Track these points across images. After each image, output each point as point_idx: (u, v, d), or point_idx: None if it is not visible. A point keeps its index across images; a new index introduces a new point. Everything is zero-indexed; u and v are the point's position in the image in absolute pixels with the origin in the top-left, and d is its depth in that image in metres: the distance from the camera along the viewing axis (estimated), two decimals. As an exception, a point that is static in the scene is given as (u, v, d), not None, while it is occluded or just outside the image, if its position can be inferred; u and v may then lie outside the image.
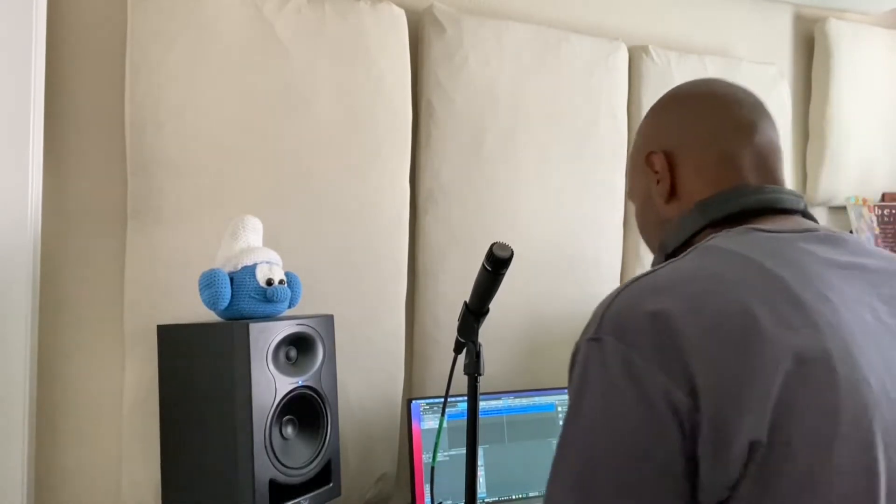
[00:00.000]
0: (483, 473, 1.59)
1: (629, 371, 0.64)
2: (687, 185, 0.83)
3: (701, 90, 0.87)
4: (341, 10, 1.62)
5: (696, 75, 2.10)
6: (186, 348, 1.25)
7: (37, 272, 1.37)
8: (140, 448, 1.40)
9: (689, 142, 0.84)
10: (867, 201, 2.33)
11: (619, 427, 0.64)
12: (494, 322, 1.49)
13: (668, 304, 0.65)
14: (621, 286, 0.72)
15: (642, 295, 0.68)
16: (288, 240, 1.48)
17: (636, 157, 0.91)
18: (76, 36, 1.47)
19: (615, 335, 0.67)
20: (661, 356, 0.63)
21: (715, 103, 0.84)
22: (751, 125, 0.82)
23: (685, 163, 0.83)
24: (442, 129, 1.73)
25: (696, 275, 0.69)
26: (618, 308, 0.69)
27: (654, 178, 0.86)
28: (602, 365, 0.67)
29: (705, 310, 0.64)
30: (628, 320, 0.67)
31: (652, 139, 0.88)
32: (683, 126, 0.85)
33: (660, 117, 0.90)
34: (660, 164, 0.85)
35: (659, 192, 0.85)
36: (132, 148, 1.42)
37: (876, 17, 2.51)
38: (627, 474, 0.63)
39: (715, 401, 0.60)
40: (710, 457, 0.60)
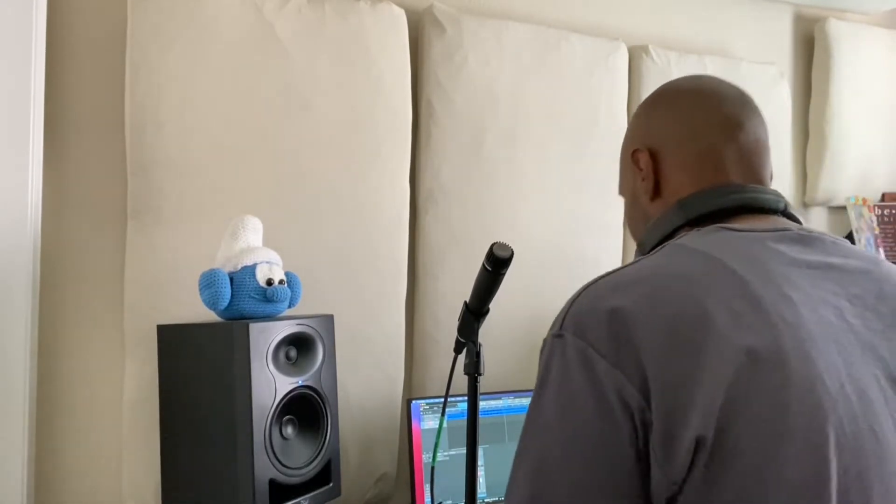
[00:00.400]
0: (483, 473, 1.59)
1: (585, 366, 0.65)
2: (671, 182, 0.83)
3: (688, 87, 0.86)
4: (341, 10, 1.62)
5: (696, 75, 2.11)
6: (186, 348, 1.25)
7: (37, 272, 1.37)
8: (140, 448, 1.40)
9: (674, 139, 0.83)
10: (867, 201, 2.33)
11: (575, 422, 0.65)
12: (494, 322, 1.49)
13: (625, 302, 0.66)
14: (586, 284, 0.74)
15: (603, 292, 0.70)
16: (288, 240, 1.48)
17: (623, 154, 0.92)
18: (76, 36, 1.47)
19: (575, 331, 0.68)
20: (616, 353, 0.64)
21: (701, 100, 0.83)
22: (736, 122, 0.81)
23: (669, 161, 0.83)
24: (442, 129, 1.73)
25: (656, 272, 0.70)
26: (579, 305, 0.70)
27: (640, 176, 0.86)
28: (562, 361, 0.68)
29: (661, 308, 0.65)
30: (587, 317, 0.68)
31: (637, 136, 0.88)
32: (668, 123, 0.84)
33: (645, 114, 0.89)
34: (644, 162, 0.85)
35: (644, 190, 0.85)
36: (132, 148, 1.42)
37: (876, 17, 2.51)
38: (581, 470, 0.63)
39: (664, 397, 0.61)
40: (659, 453, 0.61)
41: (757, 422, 0.60)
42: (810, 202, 2.39)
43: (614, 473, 0.62)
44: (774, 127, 2.21)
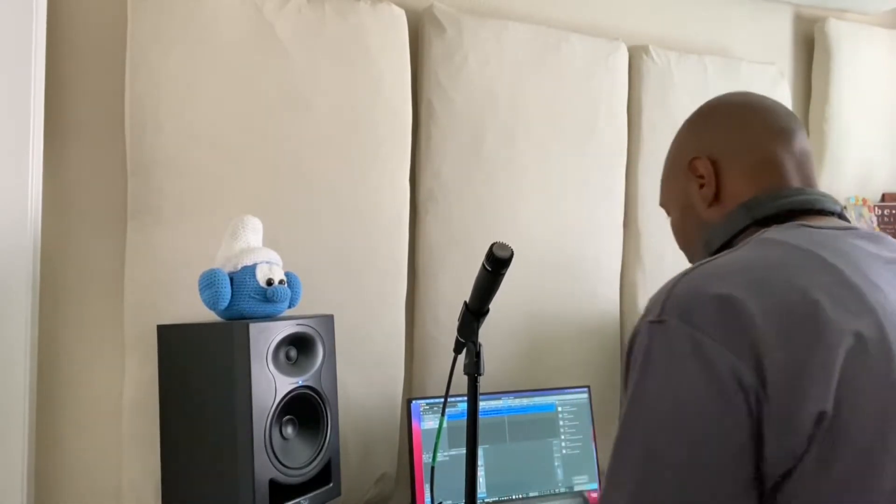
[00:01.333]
0: (483, 473, 1.60)
1: (697, 351, 0.66)
2: (731, 188, 0.87)
3: (739, 100, 0.92)
4: (341, 10, 1.62)
5: (696, 75, 2.12)
6: (186, 348, 1.25)
7: (37, 272, 1.37)
8: (140, 448, 1.40)
9: (733, 147, 0.87)
10: (867, 201, 2.33)
11: (687, 407, 0.66)
12: (494, 322, 1.50)
13: (732, 289, 0.68)
14: (680, 273, 0.75)
15: (706, 280, 0.71)
16: (288, 240, 1.48)
17: (676, 164, 0.95)
18: (76, 36, 1.47)
19: (680, 317, 0.69)
20: (728, 336, 0.65)
21: (754, 111, 0.89)
22: (789, 131, 0.86)
23: (730, 167, 0.87)
24: (442, 129, 1.73)
25: (755, 263, 0.72)
26: (681, 292, 0.71)
27: (698, 183, 0.90)
28: (667, 346, 0.69)
29: (768, 294, 0.67)
30: (694, 303, 0.69)
31: (694, 146, 0.92)
32: (726, 132, 0.89)
33: (700, 126, 0.94)
34: (704, 169, 0.89)
35: (702, 197, 0.89)
36: (132, 148, 1.42)
37: (876, 17, 2.51)
38: (695, 454, 0.65)
39: (783, 375, 0.63)
40: (777, 431, 0.63)
41: (867, 402, 0.63)
42: (810, 202, 2.38)
43: (727, 454, 0.64)
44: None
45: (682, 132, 0.97)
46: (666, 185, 0.99)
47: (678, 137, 0.97)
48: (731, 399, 0.64)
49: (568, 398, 1.74)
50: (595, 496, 1.70)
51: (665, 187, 1.00)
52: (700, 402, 0.65)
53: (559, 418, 1.71)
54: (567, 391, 1.75)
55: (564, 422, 1.71)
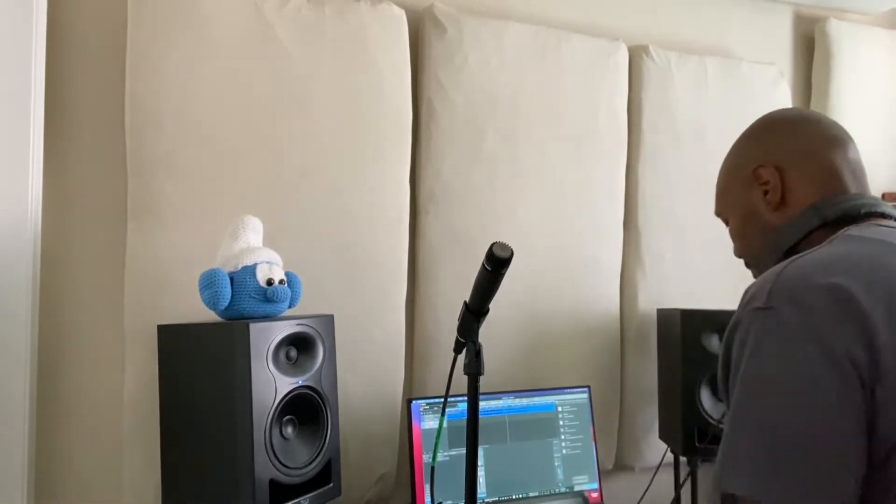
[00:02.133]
0: (483, 473, 1.59)
1: (810, 334, 0.71)
2: (796, 192, 0.93)
3: (795, 113, 1.02)
4: (341, 10, 1.62)
5: (696, 75, 2.12)
6: (186, 348, 1.25)
7: (37, 272, 1.37)
8: (140, 448, 1.40)
9: (796, 156, 0.94)
10: (867, 201, 2.32)
11: (805, 386, 0.70)
12: (494, 322, 1.50)
13: (836, 277, 0.73)
14: (780, 266, 0.79)
15: (811, 270, 0.76)
16: (288, 240, 1.48)
17: (736, 173, 1.01)
18: (76, 36, 1.47)
19: (790, 303, 0.74)
20: (839, 320, 0.71)
21: (811, 123, 0.97)
22: (844, 142, 0.94)
23: (793, 173, 0.94)
24: (442, 129, 1.73)
25: (852, 255, 0.78)
26: (788, 280, 0.76)
27: (762, 190, 0.96)
28: (779, 331, 0.74)
29: (871, 282, 0.73)
30: (803, 289, 0.74)
31: (757, 155, 0.98)
32: (787, 142, 0.96)
33: (761, 136, 1.00)
34: (770, 176, 0.95)
35: (768, 202, 0.95)
36: (132, 148, 1.42)
37: (876, 17, 2.51)
38: (815, 430, 0.69)
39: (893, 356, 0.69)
40: (889, 406, 0.68)
41: None
42: (810, 202, 2.38)
43: (845, 428, 0.69)
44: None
45: (741, 143, 1.03)
46: (725, 194, 1.05)
47: (737, 149, 1.03)
48: (847, 377, 0.69)
49: (568, 398, 1.74)
50: (595, 496, 1.70)
51: (724, 197, 1.05)
52: (817, 380, 0.70)
53: (559, 418, 1.71)
54: (567, 391, 1.75)
55: (564, 422, 1.71)
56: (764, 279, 0.79)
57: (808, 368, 0.71)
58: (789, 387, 0.71)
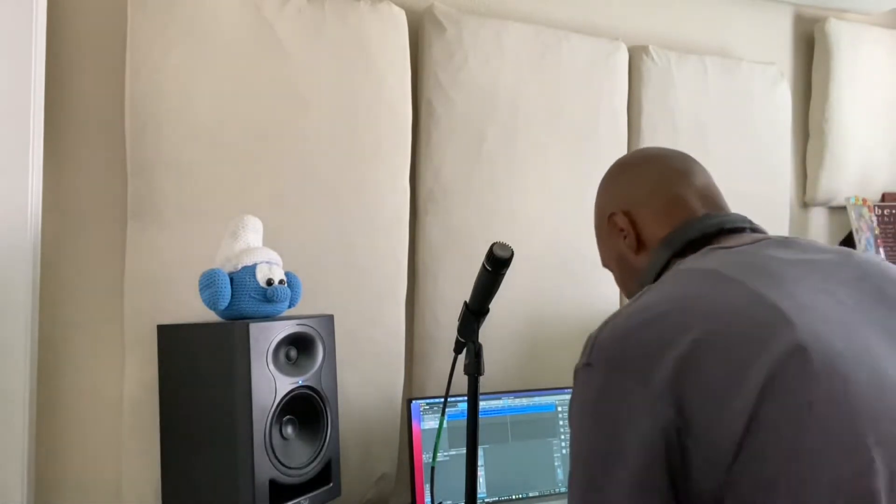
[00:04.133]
0: (483, 473, 1.59)
1: (619, 394, 0.71)
2: (649, 232, 0.94)
3: (637, 156, 1.02)
4: (341, 10, 1.62)
5: (696, 75, 2.12)
6: (186, 348, 1.25)
7: (37, 272, 1.37)
8: (140, 448, 1.40)
9: (641, 196, 0.96)
10: (867, 201, 2.33)
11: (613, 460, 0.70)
12: (494, 322, 1.50)
13: (650, 330, 0.72)
14: (610, 316, 0.79)
15: (628, 322, 0.75)
16: (288, 240, 1.48)
17: (600, 225, 1.03)
18: (76, 36, 1.47)
19: (606, 362, 0.74)
20: (650, 379, 0.69)
21: (652, 162, 0.99)
22: (687, 172, 0.96)
23: (642, 214, 0.95)
24: (442, 129, 1.73)
25: (673, 296, 0.76)
26: (607, 336, 0.76)
27: (621, 236, 0.97)
28: (595, 392, 0.74)
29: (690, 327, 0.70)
30: (617, 346, 0.74)
31: (608, 204, 1.01)
32: (633, 186, 0.98)
33: (609, 185, 1.03)
34: (622, 221, 0.97)
35: (628, 246, 0.96)
36: (132, 148, 1.42)
37: (876, 17, 2.51)
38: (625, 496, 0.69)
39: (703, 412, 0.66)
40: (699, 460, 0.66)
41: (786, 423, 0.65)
42: (810, 202, 2.39)
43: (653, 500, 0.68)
44: (774, 127, 2.23)
45: (598, 193, 1.05)
46: (599, 245, 1.06)
47: (596, 199, 1.05)
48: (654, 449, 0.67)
49: (568, 398, 1.73)
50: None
51: (599, 248, 1.07)
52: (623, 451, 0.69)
53: (559, 418, 1.71)
54: (567, 391, 1.75)
55: (564, 422, 1.71)
56: (592, 334, 0.79)
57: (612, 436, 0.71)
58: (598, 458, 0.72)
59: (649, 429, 0.68)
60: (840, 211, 2.43)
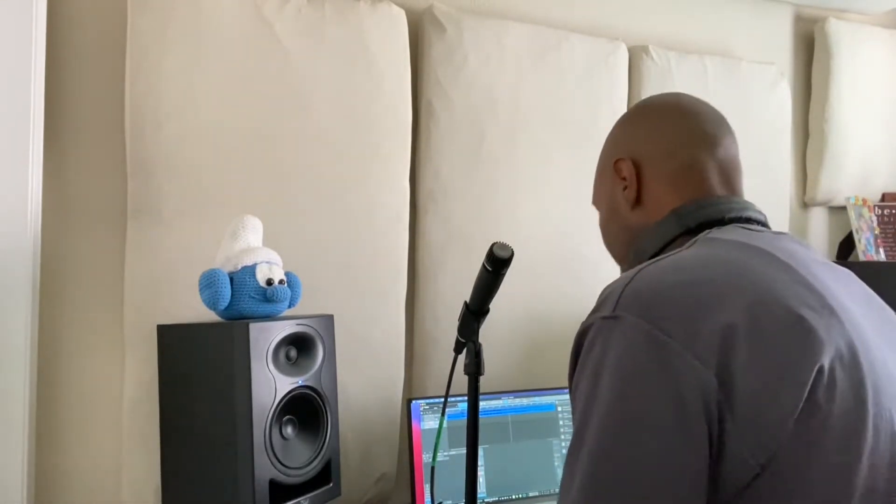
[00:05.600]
0: (483, 473, 1.59)
1: (657, 353, 0.62)
2: (653, 192, 0.86)
3: (668, 102, 0.91)
4: (341, 10, 1.62)
5: (696, 75, 2.11)
6: (186, 348, 1.25)
7: (37, 272, 1.37)
8: (140, 448, 1.40)
9: (657, 151, 0.86)
10: (867, 201, 2.33)
11: (644, 414, 0.62)
12: (494, 322, 1.49)
13: (694, 283, 0.66)
14: (634, 270, 0.72)
15: (663, 276, 0.68)
16: (288, 240, 1.48)
17: (604, 163, 0.94)
18: (76, 36, 1.47)
19: (638, 315, 0.65)
20: (692, 335, 0.62)
21: (682, 116, 0.88)
22: (714, 138, 0.86)
23: (652, 171, 0.86)
24: (442, 129, 1.73)
25: (710, 260, 0.70)
26: (637, 287, 0.68)
27: (622, 185, 0.89)
28: (621, 347, 0.65)
29: (733, 291, 0.65)
30: (652, 299, 0.66)
31: (619, 146, 0.91)
32: (651, 136, 0.88)
33: (627, 126, 0.92)
34: (627, 171, 0.87)
35: (625, 197, 0.88)
36: (132, 148, 1.42)
37: (876, 17, 2.51)
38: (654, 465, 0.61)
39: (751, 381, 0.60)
40: (739, 442, 0.60)
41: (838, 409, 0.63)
42: (810, 202, 2.39)
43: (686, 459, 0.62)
44: (774, 127, 2.23)
45: (613, 130, 0.95)
46: (595, 183, 0.98)
47: (609, 135, 0.95)
48: (689, 405, 0.60)
49: (568, 398, 1.73)
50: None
51: (595, 186, 0.98)
52: (656, 406, 0.61)
53: (559, 418, 1.71)
54: (567, 391, 1.74)
55: (564, 422, 1.71)
56: (615, 284, 0.71)
57: (647, 391, 0.62)
58: (626, 411, 0.63)
59: (688, 391, 0.60)
60: (840, 211, 2.43)
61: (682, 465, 0.61)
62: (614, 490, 0.62)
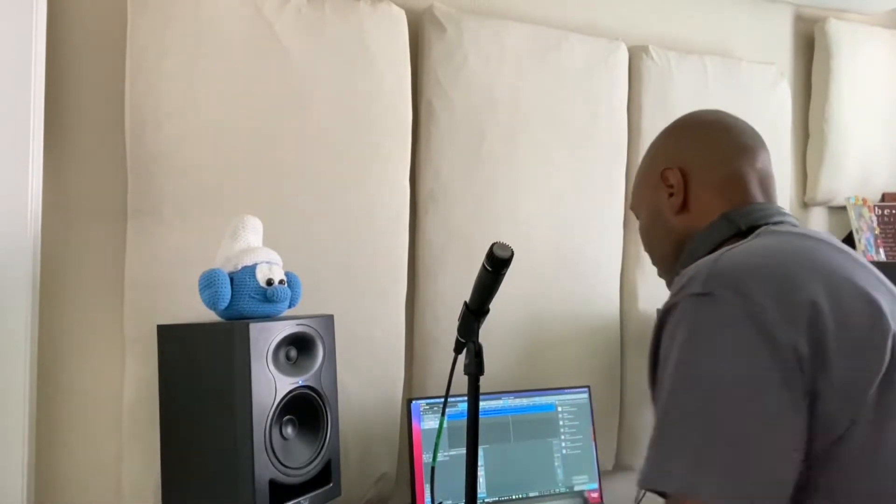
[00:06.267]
0: (483, 473, 1.59)
1: (750, 321, 0.68)
2: (699, 199, 0.93)
3: (711, 117, 0.99)
4: (341, 10, 1.62)
5: (696, 75, 2.12)
6: (186, 348, 1.25)
7: (37, 272, 1.37)
8: (140, 448, 1.40)
9: (702, 162, 0.94)
10: (867, 201, 2.33)
11: (745, 378, 0.67)
12: (494, 322, 1.49)
13: (780, 264, 0.73)
14: (715, 255, 0.78)
15: (748, 257, 0.75)
16: (288, 240, 1.48)
17: (649, 171, 1.00)
18: (76, 36, 1.47)
19: (730, 289, 0.70)
20: (785, 308, 0.68)
21: (724, 129, 0.96)
22: (753, 151, 0.94)
23: (698, 180, 0.94)
24: (442, 129, 1.73)
25: (783, 246, 0.79)
26: (725, 266, 0.74)
27: (667, 192, 0.96)
28: (716, 319, 0.70)
29: (811, 271, 0.73)
30: (742, 275, 0.72)
31: (666, 156, 0.98)
32: (696, 147, 0.96)
33: (673, 138, 1.00)
34: (674, 179, 0.94)
35: (671, 204, 0.95)
36: (132, 148, 1.42)
37: (876, 17, 2.51)
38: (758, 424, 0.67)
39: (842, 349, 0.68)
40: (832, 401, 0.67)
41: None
42: (810, 202, 2.39)
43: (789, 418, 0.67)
44: (774, 127, 2.23)
45: (658, 142, 1.02)
46: (637, 190, 1.04)
47: (654, 146, 1.02)
48: (788, 366, 0.66)
49: (568, 398, 1.74)
50: (595, 496, 1.70)
51: (637, 193, 1.05)
52: (756, 369, 0.67)
53: (559, 418, 1.71)
54: (567, 391, 1.75)
55: (564, 422, 1.71)
56: (700, 265, 0.76)
57: (747, 356, 0.67)
58: (727, 376, 0.68)
59: (787, 355, 0.66)
60: (840, 211, 2.43)
61: (790, 422, 0.66)
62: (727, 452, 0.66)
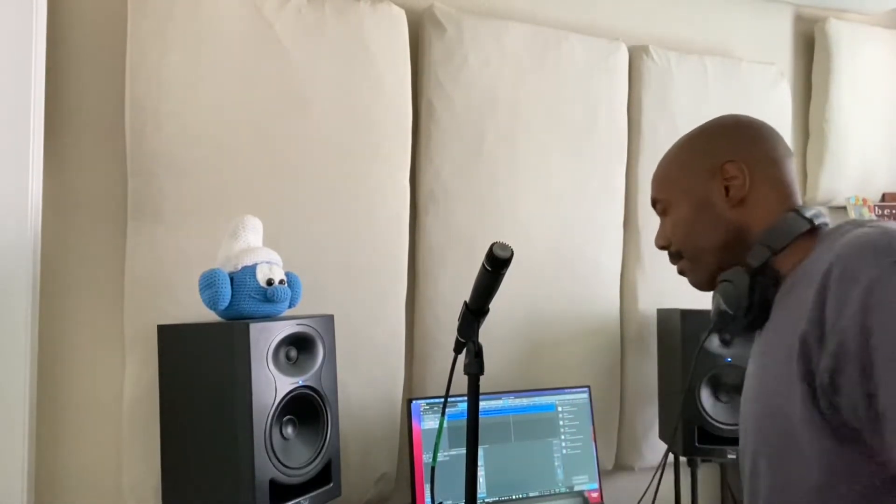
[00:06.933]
0: (483, 473, 1.59)
1: None
2: (758, 192, 0.96)
3: (759, 122, 1.03)
4: (341, 10, 1.62)
5: (696, 75, 2.12)
6: (186, 348, 1.25)
7: (37, 272, 1.37)
8: (140, 448, 1.40)
9: (763, 157, 0.98)
10: (867, 201, 2.32)
11: None
12: (494, 322, 1.50)
13: None
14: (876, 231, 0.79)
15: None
16: (288, 240, 1.48)
17: (698, 163, 1.01)
18: (76, 36, 1.47)
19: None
20: None
21: (775, 135, 1.02)
22: (790, 158, 1.00)
23: (762, 175, 0.97)
24: (442, 129, 1.73)
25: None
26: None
27: (723, 184, 0.98)
28: None
29: None
30: None
31: (728, 150, 1.00)
32: (755, 144, 0.99)
33: (733, 134, 1.02)
34: (740, 172, 0.97)
35: (730, 197, 0.97)
36: (132, 148, 1.42)
37: (876, 17, 2.51)
38: None
39: None
40: None
41: None
42: (810, 202, 2.39)
43: None
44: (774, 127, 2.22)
45: (708, 136, 1.03)
46: (676, 181, 1.03)
47: (702, 140, 1.03)
48: None
49: (568, 398, 1.74)
50: (595, 496, 1.70)
51: (674, 184, 1.04)
52: None
53: (559, 418, 1.71)
54: (567, 391, 1.75)
55: (564, 422, 1.71)
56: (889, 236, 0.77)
57: None
58: None
59: None
60: (840, 211, 2.43)
61: None
62: None
